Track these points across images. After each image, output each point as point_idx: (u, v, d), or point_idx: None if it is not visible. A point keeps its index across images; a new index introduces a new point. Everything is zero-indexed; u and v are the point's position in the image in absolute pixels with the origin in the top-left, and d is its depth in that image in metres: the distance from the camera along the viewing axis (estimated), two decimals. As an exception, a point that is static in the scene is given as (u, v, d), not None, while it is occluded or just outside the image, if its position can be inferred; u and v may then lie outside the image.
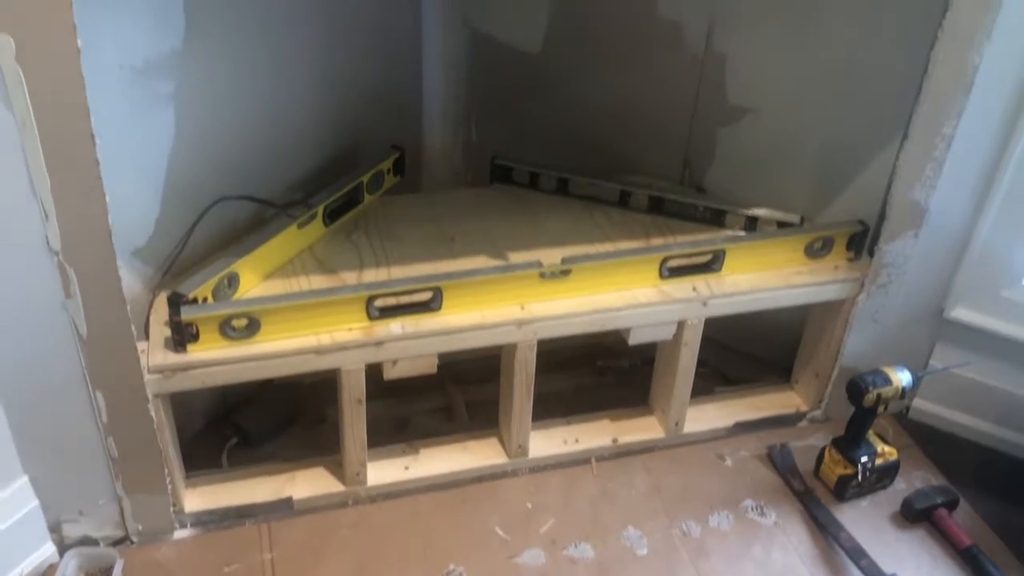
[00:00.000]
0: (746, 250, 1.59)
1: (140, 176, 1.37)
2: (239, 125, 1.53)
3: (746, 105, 1.73)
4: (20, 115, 1.06)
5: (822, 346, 1.72)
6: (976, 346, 1.68)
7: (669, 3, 1.73)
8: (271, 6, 1.50)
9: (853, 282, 1.62)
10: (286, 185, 1.68)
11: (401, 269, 1.55)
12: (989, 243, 1.60)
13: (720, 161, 1.82)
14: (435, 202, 1.78)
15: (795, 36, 1.62)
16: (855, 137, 1.61)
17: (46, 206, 1.13)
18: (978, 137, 1.50)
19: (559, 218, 1.73)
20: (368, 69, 1.80)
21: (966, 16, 1.34)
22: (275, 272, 1.53)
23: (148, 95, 1.34)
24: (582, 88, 1.89)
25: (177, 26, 1.34)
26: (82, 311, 1.22)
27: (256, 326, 1.36)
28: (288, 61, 1.60)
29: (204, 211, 1.49)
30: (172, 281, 1.45)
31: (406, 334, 1.42)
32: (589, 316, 1.50)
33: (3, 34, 1.01)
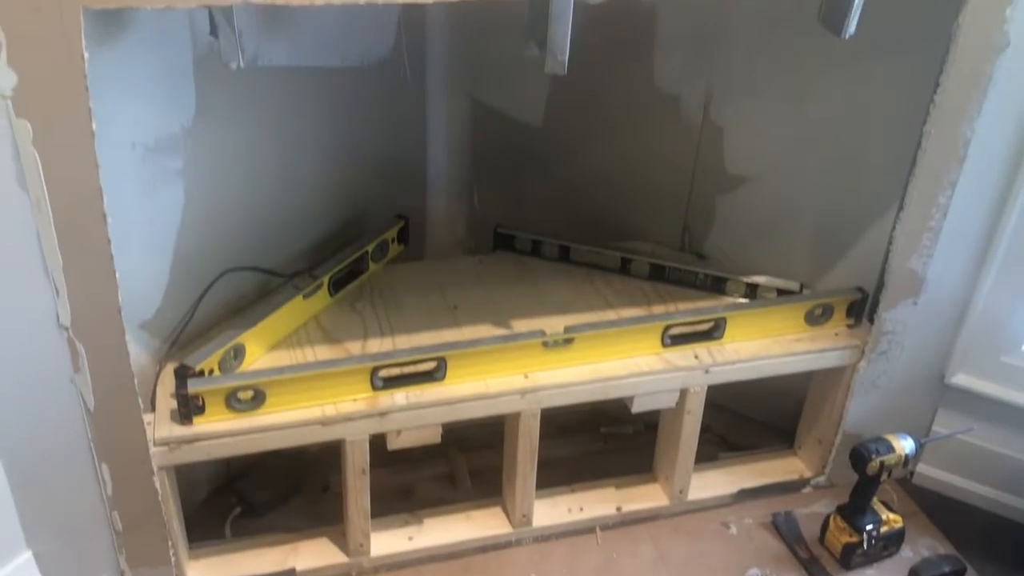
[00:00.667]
0: (747, 318, 1.60)
1: (149, 250, 1.39)
2: (246, 198, 1.56)
3: (744, 174, 1.77)
4: (35, 196, 1.09)
5: (824, 412, 1.73)
6: (978, 412, 1.69)
7: (667, 76, 1.77)
8: (278, 83, 1.54)
9: (853, 349, 1.63)
10: (292, 254, 1.70)
11: (405, 338, 1.57)
12: (988, 309, 1.62)
13: (720, 228, 1.84)
14: (438, 270, 1.80)
15: (790, 108, 1.65)
16: (852, 206, 1.64)
17: (57, 283, 1.15)
18: (973, 206, 1.52)
19: (561, 286, 1.75)
20: (373, 140, 1.84)
21: (957, 92, 1.37)
22: (280, 342, 1.55)
23: (158, 171, 1.37)
24: (583, 157, 1.92)
25: (188, 105, 1.38)
26: (90, 385, 1.23)
27: (262, 398, 1.37)
28: (294, 134, 1.64)
29: (211, 283, 1.51)
30: (179, 352, 1.47)
31: (410, 404, 1.43)
32: (592, 385, 1.51)
33: (22, 119, 1.04)
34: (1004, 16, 1.32)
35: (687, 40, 1.71)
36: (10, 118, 1.03)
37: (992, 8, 1.31)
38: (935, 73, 1.38)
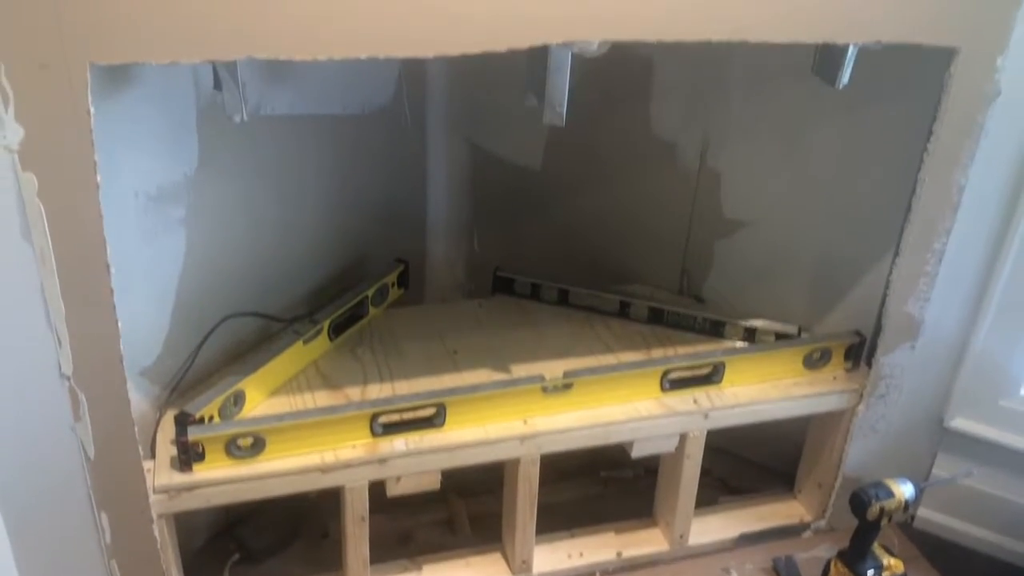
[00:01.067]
0: (746, 362, 1.61)
1: (150, 297, 1.40)
2: (247, 244, 1.57)
3: (741, 218, 1.78)
4: (39, 248, 1.10)
5: (824, 456, 1.73)
6: (978, 455, 1.69)
7: (663, 124, 1.80)
8: (280, 131, 1.56)
9: (852, 393, 1.64)
10: (292, 299, 1.71)
11: (405, 384, 1.57)
12: (985, 353, 1.63)
13: (718, 271, 1.86)
14: (438, 314, 1.81)
15: (785, 155, 1.68)
16: (849, 250, 1.65)
17: (60, 333, 1.16)
18: (969, 251, 1.54)
19: (561, 329, 1.76)
20: (374, 185, 1.85)
21: (950, 141, 1.39)
22: (280, 388, 1.55)
23: (161, 219, 1.38)
24: (581, 201, 1.94)
25: (191, 154, 1.40)
26: (90, 433, 1.24)
27: (261, 445, 1.37)
28: (295, 181, 1.65)
29: (211, 330, 1.51)
30: (178, 399, 1.47)
31: (410, 451, 1.43)
32: (591, 430, 1.51)
33: (27, 172, 1.05)
34: (995, 67, 1.34)
35: (683, 89, 1.74)
36: (16, 171, 1.05)
37: (983, 59, 1.33)
38: (928, 121, 1.40)
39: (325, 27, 1.06)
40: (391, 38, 1.10)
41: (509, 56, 1.13)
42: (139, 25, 1.01)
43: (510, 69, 1.35)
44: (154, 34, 1.02)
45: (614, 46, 1.21)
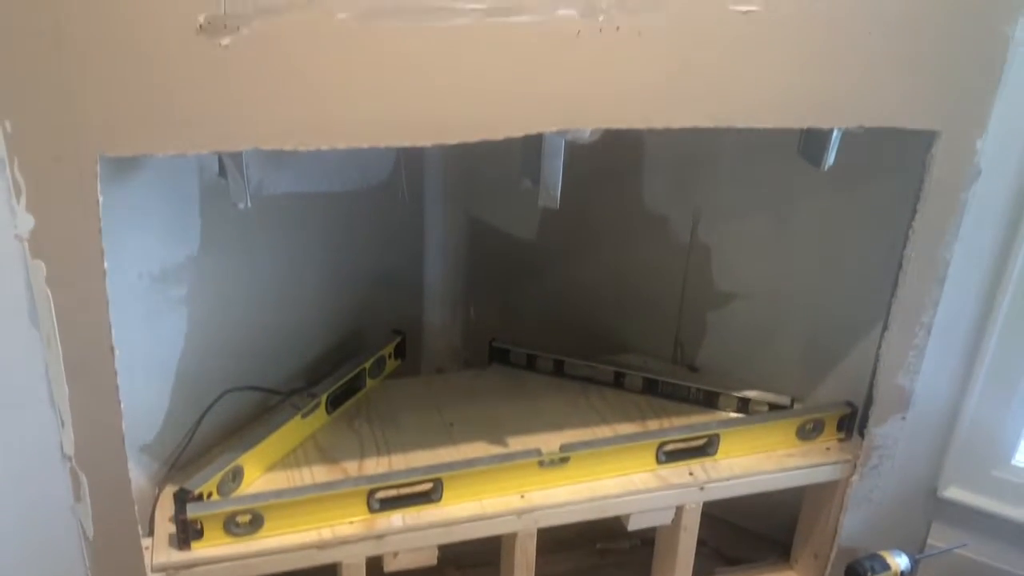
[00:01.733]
0: (740, 434, 1.63)
1: (151, 375, 1.42)
2: (247, 319, 1.60)
3: (732, 291, 1.82)
4: (45, 333, 1.12)
5: (819, 526, 1.73)
6: (972, 525, 1.70)
7: (655, 198, 1.84)
8: (281, 208, 1.59)
9: (845, 463, 1.65)
10: (290, 372, 1.73)
11: (402, 457, 1.58)
12: (976, 423, 1.65)
13: (711, 341, 1.88)
14: (435, 386, 1.83)
15: (774, 230, 1.71)
16: (839, 322, 1.68)
17: (63, 415, 1.17)
18: (956, 323, 1.57)
19: (556, 400, 1.77)
20: (371, 256, 1.88)
21: (934, 219, 1.43)
22: (278, 462, 1.56)
23: (163, 299, 1.40)
24: (575, 272, 1.97)
25: (193, 235, 1.43)
26: (90, 514, 1.24)
27: (260, 522, 1.38)
28: (295, 256, 1.68)
29: (210, 405, 1.53)
30: (177, 475, 1.48)
31: (407, 527, 1.43)
32: (588, 504, 1.52)
33: (37, 260, 1.08)
34: (975, 148, 1.39)
35: (673, 165, 1.79)
36: (26, 259, 1.08)
37: (963, 141, 1.38)
38: (912, 199, 1.44)
39: (328, 119, 1.11)
40: (392, 129, 1.14)
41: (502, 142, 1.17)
42: (148, 119, 1.05)
43: (504, 144, 1.40)
44: (162, 128, 1.06)
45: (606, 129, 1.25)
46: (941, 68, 1.31)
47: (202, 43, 1.02)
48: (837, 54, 1.25)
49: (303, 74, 1.07)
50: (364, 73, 1.09)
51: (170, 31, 1.01)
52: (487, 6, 1.09)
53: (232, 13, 1.02)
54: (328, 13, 1.05)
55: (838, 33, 1.24)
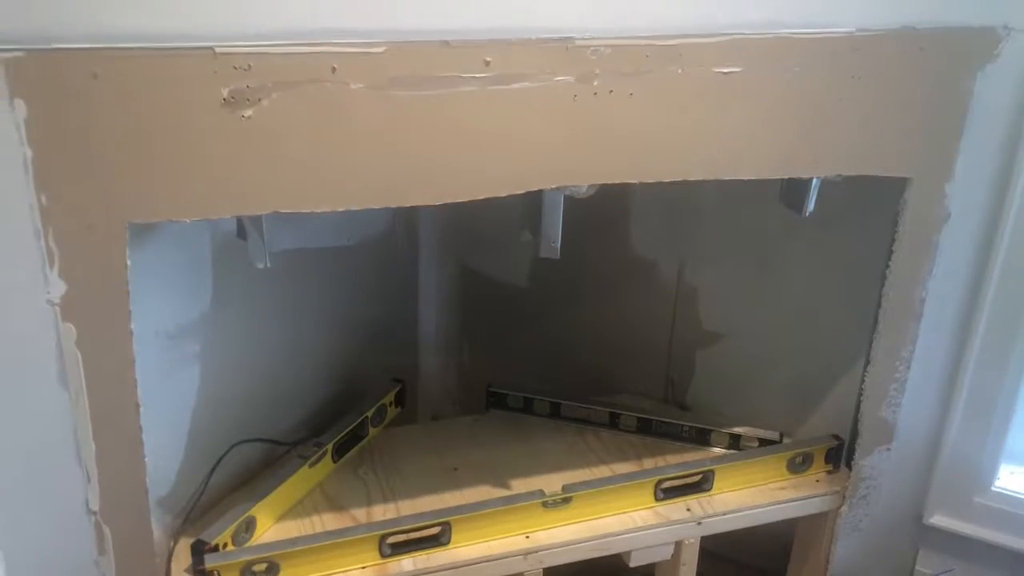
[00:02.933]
0: (734, 469, 1.69)
1: (167, 430, 1.46)
2: (254, 373, 1.64)
3: (720, 331, 1.89)
4: (74, 392, 1.17)
5: (812, 557, 1.79)
6: (958, 551, 1.77)
7: (643, 244, 1.92)
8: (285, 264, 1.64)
9: (835, 495, 1.72)
10: (294, 423, 1.77)
11: (408, 503, 1.63)
12: (957, 452, 1.72)
13: (700, 380, 1.95)
14: (435, 432, 1.88)
15: (758, 272, 1.80)
16: (822, 359, 1.76)
17: (89, 471, 1.22)
18: (934, 357, 1.65)
19: (554, 442, 1.83)
20: (369, 308, 1.94)
21: (908, 260, 1.52)
22: (288, 512, 1.60)
23: (178, 356, 1.45)
24: (568, 316, 2.04)
25: (206, 293, 1.48)
26: (113, 567, 1.28)
27: (276, 570, 1.42)
28: (298, 309, 1.73)
29: (221, 457, 1.57)
30: (190, 527, 1.52)
31: (417, 570, 1.48)
32: (591, 542, 1.57)
33: (67, 323, 1.13)
34: (944, 193, 1.48)
35: (660, 214, 1.87)
36: (57, 323, 1.13)
37: (933, 186, 1.47)
38: (888, 242, 1.52)
39: (343, 183, 1.17)
40: (403, 190, 1.21)
41: (495, 201, 1.24)
42: (175, 187, 1.11)
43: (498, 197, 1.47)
44: (188, 194, 1.12)
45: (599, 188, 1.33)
46: (910, 121, 1.40)
47: (226, 115, 1.09)
48: (813, 110, 1.34)
49: (320, 141, 1.14)
50: (377, 139, 1.16)
51: (196, 104, 1.08)
52: (491, 74, 1.17)
53: (254, 87, 1.09)
54: (343, 84, 1.12)
55: (813, 91, 1.33)
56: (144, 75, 1.05)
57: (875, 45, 1.33)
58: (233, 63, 1.07)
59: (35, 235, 1.08)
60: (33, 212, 1.07)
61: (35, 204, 1.07)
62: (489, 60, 1.17)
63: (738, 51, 1.26)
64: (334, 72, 1.11)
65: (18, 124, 1.03)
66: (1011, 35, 1.39)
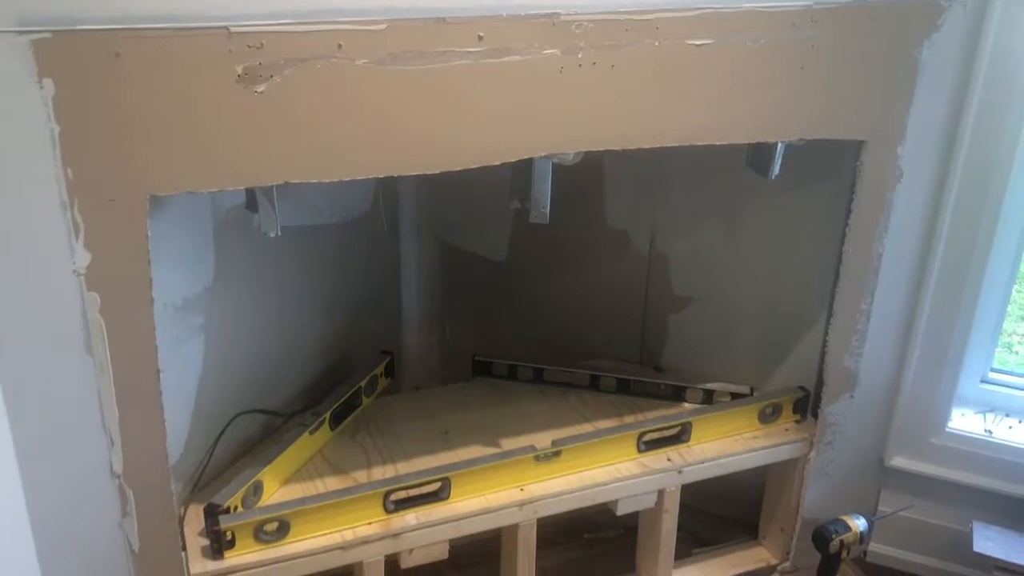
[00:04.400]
0: (709, 421, 1.80)
1: (176, 400, 1.51)
2: (253, 346, 1.71)
3: (690, 295, 2.00)
4: (99, 359, 1.23)
5: (783, 502, 1.92)
6: (916, 490, 1.90)
7: (616, 216, 2.02)
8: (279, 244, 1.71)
9: (803, 442, 1.84)
10: (290, 395, 1.84)
11: (406, 464, 1.71)
12: (913, 397, 1.85)
13: (673, 343, 2.06)
14: (426, 399, 1.96)
15: (725, 236, 1.91)
16: (788, 316, 1.88)
17: (113, 435, 1.28)
18: (890, 307, 1.77)
19: (539, 405, 1.93)
20: (356, 285, 2.01)
21: (866, 217, 1.64)
22: (292, 477, 1.67)
23: (184, 328, 1.51)
24: (546, 287, 2.13)
25: (208, 267, 1.54)
26: (136, 528, 1.34)
27: (286, 528, 1.49)
28: (291, 286, 1.80)
29: (225, 427, 1.64)
30: (198, 495, 1.58)
31: (420, 524, 1.56)
32: (581, 492, 1.67)
33: (92, 292, 1.19)
34: (896, 154, 1.60)
35: (631, 184, 1.97)
36: (82, 292, 1.19)
37: (887, 149, 1.60)
38: (847, 201, 1.65)
39: (348, 153, 1.25)
40: (402, 160, 1.29)
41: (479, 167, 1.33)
42: (193, 160, 1.18)
43: (474, 176, 1.54)
44: (205, 167, 1.19)
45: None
46: (865, 87, 1.52)
47: (240, 91, 1.16)
48: (778, 78, 1.45)
49: (327, 114, 1.22)
50: (380, 111, 1.24)
51: (212, 81, 1.15)
52: (483, 49, 1.26)
53: (266, 64, 1.16)
54: (349, 60, 1.19)
55: (777, 60, 1.44)
56: (163, 54, 1.11)
57: (831, 17, 1.44)
58: (247, 42, 1.14)
59: (62, 207, 1.14)
60: (60, 185, 1.13)
61: (62, 177, 1.12)
62: (482, 35, 1.25)
63: (709, 24, 1.37)
64: (340, 49, 1.18)
65: (46, 101, 1.08)
66: (952, 7, 1.52)
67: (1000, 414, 1.89)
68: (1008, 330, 3.08)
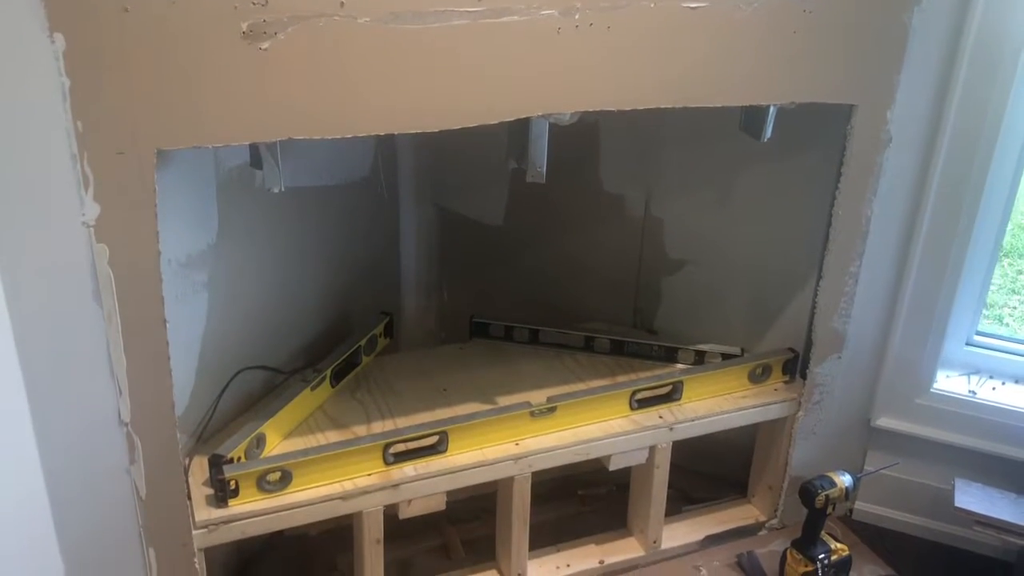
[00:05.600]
0: (700, 380, 1.85)
1: (181, 354, 1.54)
2: (256, 304, 1.75)
3: (683, 258, 2.04)
4: (107, 309, 1.26)
5: (772, 460, 1.97)
6: (901, 450, 1.95)
7: (611, 180, 2.06)
8: (282, 204, 1.74)
9: (792, 401, 1.89)
10: (291, 353, 1.88)
11: (405, 419, 1.75)
12: (899, 359, 1.90)
13: (666, 306, 2.11)
14: (424, 359, 2.01)
15: (718, 200, 1.95)
16: (778, 278, 1.92)
17: (121, 384, 1.32)
18: (878, 272, 1.82)
19: (535, 364, 1.97)
20: (356, 247, 2.05)
21: (856, 180, 1.68)
22: (293, 431, 1.72)
23: (188, 284, 1.55)
24: (541, 252, 2.17)
25: (212, 225, 1.58)
26: (143, 475, 1.39)
27: (288, 478, 1.53)
28: (292, 246, 1.84)
29: (228, 381, 1.68)
30: (202, 447, 1.63)
31: (418, 475, 1.61)
32: (574, 447, 1.72)
33: (101, 243, 1.22)
34: (886, 118, 1.64)
35: (627, 148, 2.01)
36: (91, 243, 1.22)
37: (876, 113, 1.63)
38: (837, 165, 1.68)
39: (350, 110, 1.28)
40: (404, 117, 1.32)
41: (477, 129, 1.35)
42: (199, 115, 1.21)
43: (471, 140, 1.56)
44: (211, 123, 1.22)
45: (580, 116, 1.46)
46: (854, 52, 1.55)
47: (245, 47, 1.19)
48: (770, 42, 1.48)
49: (330, 71, 1.24)
50: (381, 69, 1.27)
51: (218, 37, 1.17)
52: (482, 8, 1.29)
53: (271, 21, 1.19)
54: (352, 18, 1.22)
55: (770, 24, 1.47)
56: (170, 10, 1.14)
57: (823, -19, 1.47)
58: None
59: (72, 160, 1.17)
60: (70, 138, 1.16)
61: (71, 130, 1.16)
62: (481, -5, 1.28)
63: (703, -13, 1.40)
64: (342, 7, 1.21)
65: (57, 56, 1.11)
66: (942, -27, 1.55)
67: (984, 376, 1.94)
68: (999, 302, 3.14)
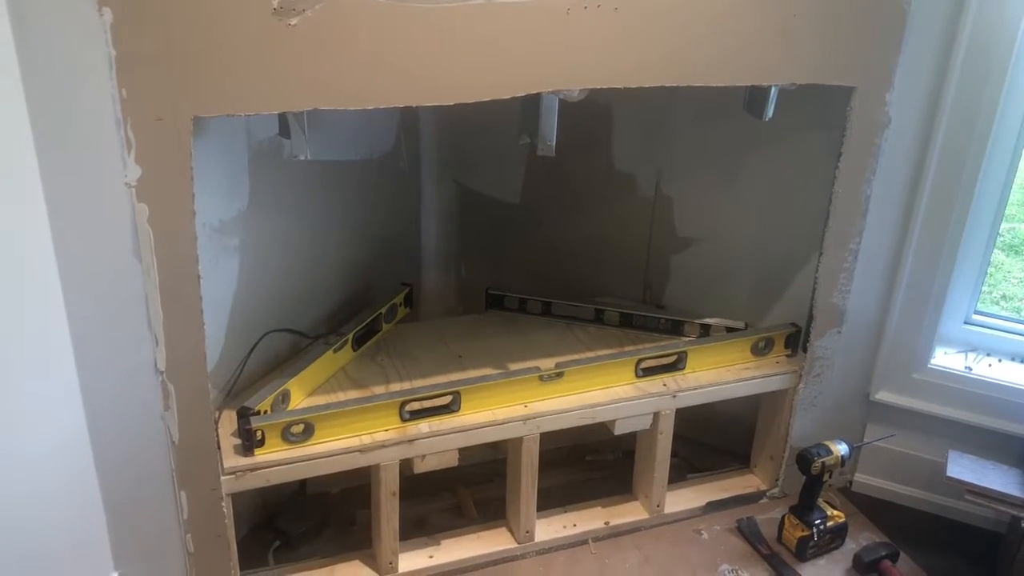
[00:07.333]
0: (704, 351, 1.93)
1: (212, 312, 1.64)
2: (283, 271, 1.85)
3: (692, 236, 2.12)
4: (146, 263, 1.37)
5: (773, 432, 2.04)
6: (899, 423, 2.02)
7: (623, 159, 2.14)
8: (307, 175, 1.85)
9: (792, 374, 1.97)
10: (315, 319, 1.99)
11: (422, 381, 1.85)
12: (897, 334, 1.97)
13: (674, 282, 2.19)
14: (441, 328, 2.10)
15: (725, 180, 2.03)
16: (781, 255, 2.00)
17: (158, 335, 1.42)
18: (877, 248, 1.89)
19: (546, 335, 2.06)
20: (378, 221, 2.15)
21: (855, 160, 1.75)
22: (316, 389, 1.82)
23: (221, 247, 1.66)
24: (555, 228, 2.26)
25: (243, 193, 1.68)
26: (176, 421, 1.49)
27: (311, 431, 1.64)
28: (318, 217, 1.94)
29: (257, 341, 1.79)
30: (231, 401, 1.74)
31: (432, 432, 1.71)
32: (581, 411, 1.81)
33: (141, 203, 1.33)
34: (885, 100, 1.71)
35: (638, 129, 2.09)
36: (132, 203, 1.33)
37: (875, 95, 1.70)
38: (837, 145, 1.75)
39: (372, 83, 1.37)
40: (421, 91, 1.41)
41: (494, 109, 1.44)
42: (232, 85, 1.31)
43: (490, 120, 1.65)
44: (242, 92, 1.32)
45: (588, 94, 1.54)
46: (854, 35, 1.62)
47: (275, 23, 1.29)
48: (771, 24, 1.56)
49: (353, 47, 1.34)
50: (400, 45, 1.36)
51: (250, 12, 1.27)
52: (496, -11, 1.38)
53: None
54: (374, -2, 1.32)
55: (771, 7, 1.54)
56: (208, -13, 1.24)
57: (823, -35, 1.54)
58: (282, -22, 1.26)
59: (116, 125, 1.28)
60: (115, 104, 1.26)
61: (116, 97, 1.26)
62: (495, -24, 1.37)
63: (707, -29, 1.48)
64: (365, -14, 1.31)
65: (105, 28, 1.22)
66: (941, -42, 1.62)
67: (982, 353, 2.00)
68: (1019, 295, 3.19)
